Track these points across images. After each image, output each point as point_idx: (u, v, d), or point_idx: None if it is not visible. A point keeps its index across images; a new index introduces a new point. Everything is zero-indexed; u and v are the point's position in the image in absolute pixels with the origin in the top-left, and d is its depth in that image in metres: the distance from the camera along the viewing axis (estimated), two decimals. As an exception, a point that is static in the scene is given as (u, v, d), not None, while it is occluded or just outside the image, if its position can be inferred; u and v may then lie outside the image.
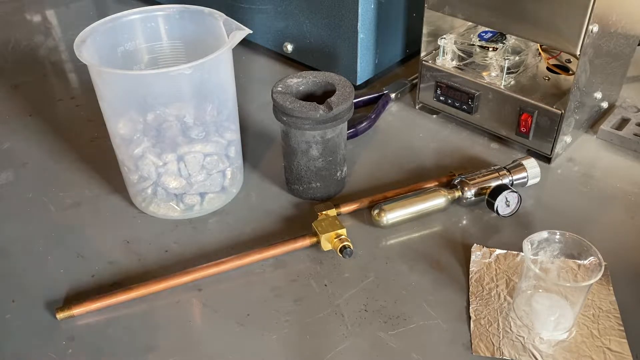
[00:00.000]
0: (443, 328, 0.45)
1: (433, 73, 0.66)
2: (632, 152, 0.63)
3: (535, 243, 0.44)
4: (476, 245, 0.51)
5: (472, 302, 0.45)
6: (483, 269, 0.48)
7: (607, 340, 0.43)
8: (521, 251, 0.49)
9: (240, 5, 0.78)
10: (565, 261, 0.46)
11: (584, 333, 0.43)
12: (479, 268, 0.48)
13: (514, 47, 0.65)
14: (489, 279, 0.47)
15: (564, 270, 0.46)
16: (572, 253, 0.45)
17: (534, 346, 0.42)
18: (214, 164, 0.54)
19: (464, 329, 0.44)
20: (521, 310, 0.44)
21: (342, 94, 0.53)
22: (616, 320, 0.45)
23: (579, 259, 0.44)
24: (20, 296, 0.48)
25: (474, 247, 0.50)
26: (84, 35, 0.51)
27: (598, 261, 0.43)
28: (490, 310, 0.45)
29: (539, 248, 0.45)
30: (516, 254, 0.50)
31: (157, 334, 0.45)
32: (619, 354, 0.42)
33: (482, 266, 0.49)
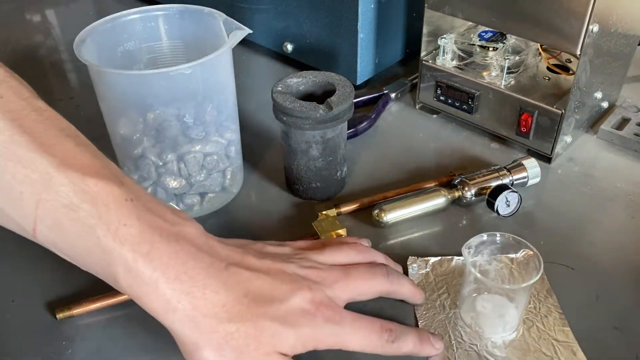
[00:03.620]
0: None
1: (433, 73, 0.66)
2: (633, 152, 0.63)
3: (473, 248, 0.45)
4: (411, 257, 0.50)
5: (419, 317, 0.45)
6: (422, 281, 0.48)
7: (552, 332, 0.44)
8: (456, 255, 0.49)
9: (240, 5, 0.78)
10: (500, 259, 0.46)
11: (530, 328, 0.44)
12: (419, 281, 0.48)
13: (514, 47, 0.65)
14: (430, 291, 0.47)
15: (500, 267, 0.46)
16: (508, 251, 0.45)
17: (488, 352, 0.42)
18: (214, 164, 0.54)
19: (464, 329, 0.44)
20: (468, 317, 0.44)
21: (342, 94, 0.53)
22: (556, 310, 0.45)
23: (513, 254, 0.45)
24: (20, 296, 0.48)
25: (409, 260, 0.50)
26: (83, 35, 0.51)
27: (533, 253, 0.43)
28: (438, 324, 0.45)
29: (477, 252, 0.45)
30: (450, 259, 0.50)
31: (157, 334, 0.45)
32: (566, 342, 0.43)
33: (421, 278, 0.48)
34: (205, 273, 0.36)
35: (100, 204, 0.34)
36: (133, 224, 0.35)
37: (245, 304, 0.37)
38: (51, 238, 0.35)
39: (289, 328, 0.37)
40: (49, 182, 0.33)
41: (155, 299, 0.35)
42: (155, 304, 0.35)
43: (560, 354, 0.42)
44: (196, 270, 0.36)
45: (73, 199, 0.33)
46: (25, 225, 0.34)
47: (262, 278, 0.38)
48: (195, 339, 0.36)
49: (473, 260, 0.45)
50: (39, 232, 0.34)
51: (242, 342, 0.36)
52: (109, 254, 0.34)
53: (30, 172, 0.33)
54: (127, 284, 0.35)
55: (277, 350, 0.37)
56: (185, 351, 0.37)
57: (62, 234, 0.34)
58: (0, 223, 0.36)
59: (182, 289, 0.35)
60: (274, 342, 0.36)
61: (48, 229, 0.34)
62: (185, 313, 0.35)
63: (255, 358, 0.36)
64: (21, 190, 0.33)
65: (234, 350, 0.36)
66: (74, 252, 0.35)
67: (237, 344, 0.36)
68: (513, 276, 0.46)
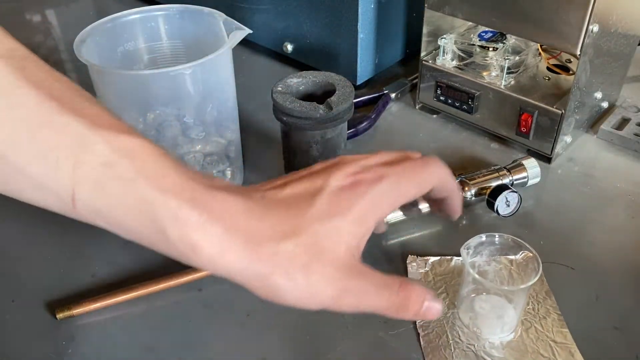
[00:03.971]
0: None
1: (433, 73, 0.66)
2: (633, 152, 0.63)
3: (472, 249, 0.44)
4: (410, 257, 0.50)
5: None
6: (421, 280, 0.48)
7: (550, 333, 0.43)
8: (455, 255, 0.49)
9: (240, 5, 0.78)
10: (499, 260, 0.46)
11: (528, 329, 0.44)
12: (417, 280, 0.48)
13: (514, 47, 0.65)
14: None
15: (499, 269, 0.46)
16: (507, 252, 0.45)
17: (486, 352, 0.42)
18: (214, 164, 0.54)
19: (464, 329, 0.44)
20: (467, 317, 0.44)
21: (342, 94, 0.53)
22: (555, 311, 0.45)
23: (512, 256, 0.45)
24: (20, 296, 0.48)
25: (409, 259, 0.50)
26: (83, 35, 0.51)
27: (532, 255, 0.43)
28: (436, 323, 0.45)
29: (475, 252, 0.45)
30: (450, 259, 0.50)
31: (157, 334, 0.45)
32: (564, 344, 0.43)
33: (420, 277, 0.48)
34: (245, 206, 0.36)
35: (137, 158, 0.34)
36: (171, 174, 0.35)
37: (292, 218, 0.36)
38: (92, 203, 0.34)
39: (339, 218, 0.36)
40: (84, 143, 0.33)
41: (208, 244, 0.34)
42: (209, 249, 0.34)
43: (558, 355, 0.42)
44: (237, 207, 0.35)
45: (110, 156, 0.33)
46: (64, 195, 0.33)
47: (297, 185, 0.38)
48: (260, 270, 0.35)
49: (472, 260, 0.45)
50: (79, 200, 0.33)
51: (306, 256, 0.35)
52: (152, 206, 0.33)
53: (64, 136, 0.32)
54: (177, 235, 0.34)
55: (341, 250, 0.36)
56: (256, 288, 0.36)
57: (103, 195, 0.33)
58: (40, 201, 0.35)
59: (229, 225, 0.35)
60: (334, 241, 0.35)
61: (88, 193, 0.33)
62: (240, 248, 0.34)
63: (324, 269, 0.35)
64: (57, 156, 0.32)
65: (303, 269, 0.35)
66: (116, 214, 0.34)
67: (302, 260, 0.35)
68: (512, 277, 0.46)
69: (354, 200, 0.36)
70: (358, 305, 0.37)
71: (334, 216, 0.36)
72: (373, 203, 0.37)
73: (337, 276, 0.36)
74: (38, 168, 0.33)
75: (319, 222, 0.36)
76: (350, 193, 0.37)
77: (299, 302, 0.36)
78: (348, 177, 0.37)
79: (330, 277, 0.36)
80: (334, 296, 0.36)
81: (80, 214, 0.34)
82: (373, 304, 0.37)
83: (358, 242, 0.37)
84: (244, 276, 0.35)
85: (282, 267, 0.35)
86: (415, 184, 0.39)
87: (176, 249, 0.34)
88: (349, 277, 0.36)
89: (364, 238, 0.37)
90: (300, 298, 0.36)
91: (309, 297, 0.36)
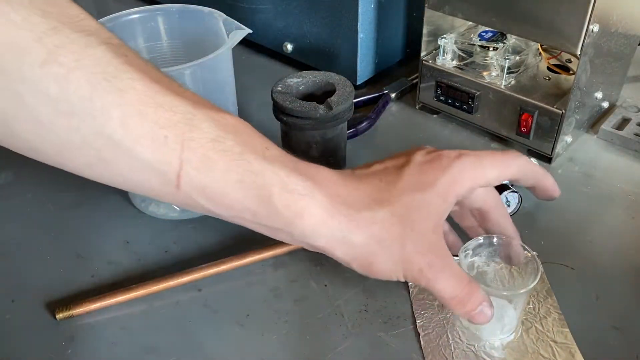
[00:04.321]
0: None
1: (433, 73, 0.66)
2: (633, 152, 0.63)
3: (470, 251, 0.44)
4: None
5: (417, 318, 0.45)
6: None
7: (551, 333, 0.43)
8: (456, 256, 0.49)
9: (240, 4, 0.78)
10: (499, 260, 0.46)
11: (529, 329, 0.44)
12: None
13: (515, 47, 0.65)
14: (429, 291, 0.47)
15: (500, 268, 0.46)
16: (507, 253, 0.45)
17: (486, 352, 0.42)
18: (214, 164, 0.54)
19: (464, 329, 0.44)
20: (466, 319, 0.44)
21: (342, 94, 0.53)
22: (555, 310, 0.45)
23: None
24: (19, 296, 0.48)
25: None
26: (83, 35, 0.50)
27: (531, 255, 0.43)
28: (436, 324, 0.45)
29: (474, 254, 0.45)
30: None
31: (157, 334, 0.45)
32: (564, 344, 0.43)
33: None
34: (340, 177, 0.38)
35: (242, 133, 0.36)
36: (273, 148, 0.37)
37: (384, 188, 0.38)
38: (198, 180, 0.34)
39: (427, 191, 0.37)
40: (192, 121, 0.34)
41: (314, 211, 0.36)
42: (314, 217, 0.36)
43: (559, 356, 0.42)
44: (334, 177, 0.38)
45: (218, 132, 0.34)
46: (170, 173, 0.34)
47: (382, 163, 0.40)
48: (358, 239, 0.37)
49: (470, 261, 0.45)
50: (184, 177, 0.34)
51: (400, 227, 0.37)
52: (261, 176, 0.35)
53: (172, 115, 0.33)
54: (284, 203, 0.35)
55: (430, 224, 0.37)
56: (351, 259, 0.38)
57: (210, 170, 0.34)
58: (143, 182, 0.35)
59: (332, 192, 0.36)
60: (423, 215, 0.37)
61: (195, 169, 0.34)
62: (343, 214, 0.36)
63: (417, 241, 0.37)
64: (165, 135, 0.33)
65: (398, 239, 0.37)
66: (221, 189, 0.35)
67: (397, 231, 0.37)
68: (512, 276, 0.46)
69: (439, 173, 0.38)
70: (433, 284, 0.38)
71: (422, 189, 0.38)
72: (454, 177, 0.38)
73: (426, 249, 0.38)
74: (147, 148, 0.33)
75: (409, 193, 0.37)
76: (434, 166, 0.38)
77: (388, 272, 0.38)
78: (430, 153, 0.39)
79: (422, 250, 0.37)
80: (422, 269, 0.37)
81: (182, 193, 0.35)
82: (443, 287, 0.38)
83: (441, 218, 0.39)
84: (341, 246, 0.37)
85: (379, 236, 0.37)
86: (495, 166, 0.40)
87: (280, 217, 0.36)
88: (435, 253, 0.38)
89: (445, 214, 0.39)
90: (392, 269, 0.38)
91: (400, 268, 0.38)
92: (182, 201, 0.36)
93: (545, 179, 0.45)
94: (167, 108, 0.33)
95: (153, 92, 0.33)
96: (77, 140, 0.33)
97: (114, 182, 0.36)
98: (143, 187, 0.36)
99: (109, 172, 0.35)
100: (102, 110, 0.32)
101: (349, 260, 0.38)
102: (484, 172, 0.40)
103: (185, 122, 0.34)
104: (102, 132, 0.33)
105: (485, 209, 0.44)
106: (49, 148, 0.34)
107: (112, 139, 0.33)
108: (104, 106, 0.32)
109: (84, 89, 0.32)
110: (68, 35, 0.32)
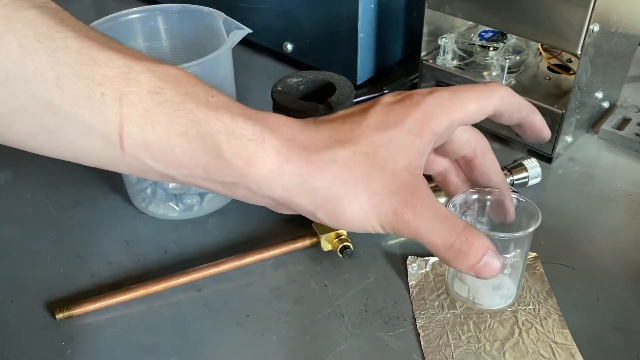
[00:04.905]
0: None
1: (433, 73, 0.66)
2: (633, 152, 0.63)
3: (457, 208, 0.41)
4: (411, 257, 0.50)
5: (418, 318, 0.45)
6: (422, 281, 0.48)
7: (551, 334, 0.43)
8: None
9: (240, 4, 0.78)
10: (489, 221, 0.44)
11: (529, 330, 0.44)
12: (418, 280, 0.48)
13: (515, 47, 0.65)
14: (429, 291, 0.47)
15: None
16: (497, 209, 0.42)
17: (486, 352, 0.42)
18: (214, 164, 0.53)
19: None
20: (464, 291, 0.43)
21: (342, 93, 0.53)
22: (555, 311, 0.45)
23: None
24: (19, 296, 0.48)
25: (409, 259, 0.50)
26: (83, 34, 0.50)
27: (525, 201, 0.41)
28: (436, 324, 0.44)
29: (461, 213, 0.42)
30: None
31: (157, 334, 0.45)
32: (564, 345, 0.43)
33: (421, 278, 0.48)
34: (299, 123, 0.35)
35: (182, 82, 0.33)
36: (218, 95, 0.34)
37: (348, 128, 0.35)
38: (141, 137, 0.32)
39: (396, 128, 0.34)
40: (129, 74, 0.32)
41: (265, 156, 0.33)
42: (267, 162, 0.33)
43: (559, 356, 0.42)
44: (290, 122, 0.35)
45: (156, 82, 0.32)
46: (112, 134, 0.32)
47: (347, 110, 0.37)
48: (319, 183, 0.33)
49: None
50: (127, 137, 0.32)
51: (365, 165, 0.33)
52: (205, 124, 0.32)
53: (107, 70, 0.32)
54: (233, 150, 0.33)
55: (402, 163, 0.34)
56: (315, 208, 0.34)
57: (152, 125, 0.32)
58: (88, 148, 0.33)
59: (285, 136, 0.34)
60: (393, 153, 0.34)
61: (137, 126, 0.32)
62: (298, 157, 0.33)
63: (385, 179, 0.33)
64: (102, 92, 0.32)
65: (363, 178, 0.33)
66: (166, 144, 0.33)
67: (361, 169, 0.33)
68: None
69: (409, 109, 0.35)
70: (417, 229, 0.34)
71: (390, 126, 0.34)
72: (427, 112, 0.35)
73: (399, 189, 0.34)
74: (85, 108, 0.32)
75: (375, 131, 0.34)
76: (405, 103, 0.35)
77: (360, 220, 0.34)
78: (398, 94, 0.36)
79: (393, 189, 0.33)
80: (396, 210, 0.33)
81: (128, 155, 0.33)
82: (430, 232, 0.34)
83: (417, 157, 0.35)
84: (301, 193, 0.34)
85: (342, 177, 0.33)
86: (473, 98, 0.36)
87: (231, 168, 0.33)
88: (410, 191, 0.34)
89: (423, 153, 0.35)
90: (363, 215, 0.34)
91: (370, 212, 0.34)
92: (130, 165, 0.34)
93: (533, 115, 0.40)
94: (102, 64, 0.32)
95: (87, 49, 0.32)
96: (15, 108, 0.31)
97: (60, 153, 0.34)
98: (89, 156, 0.34)
99: (53, 141, 0.33)
100: (35, 73, 0.31)
101: (313, 210, 0.34)
102: (461, 105, 0.35)
103: (122, 76, 0.32)
104: (39, 97, 0.31)
105: (471, 156, 0.40)
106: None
107: (49, 103, 0.31)
108: (37, 69, 0.31)
109: (16, 53, 0.30)
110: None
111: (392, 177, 0.34)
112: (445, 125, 0.35)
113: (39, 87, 0.31)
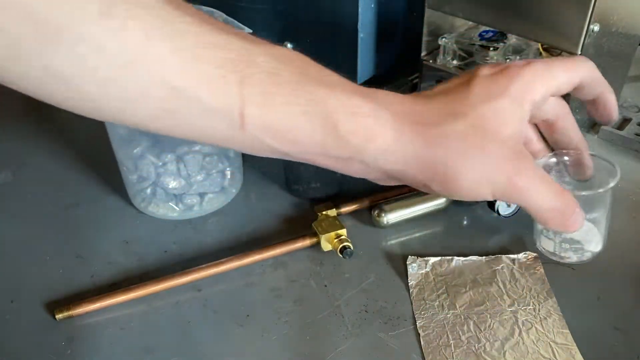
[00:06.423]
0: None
1: (433, 73, 0.65)
2: (634, 152, 0.63)
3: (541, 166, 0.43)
4: (411, 257, 0.50)
5: (418, 318, 0.45)
6: (422, 281, 0.48)
7: (551, 334, 0.43)
8: (455, 256, 0.49)
9: (240, 4, 0.77)
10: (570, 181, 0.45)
11: (529, 330, 0.44)
12: (418, 280, 0.48)
13: (515, 47, 0.64)
14: (429, 291, 0.47)
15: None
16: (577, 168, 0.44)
17: (486, 352, 0.42)
18: (214, 164, 0.54)
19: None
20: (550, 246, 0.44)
21: (342, 93, 0.53)
22: (556, 312, 0.45)
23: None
24: (19, 296, 0.48)
25: (409, 259, 0.50)
26: (83, 34, 0.50)
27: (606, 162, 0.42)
28: (436, 324, 0.45)
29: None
30: (450, 259, 0.50)
31: (157, 334, 0.45)
32: (565, 345, 0.43)
33: (421, 278, 0.48)
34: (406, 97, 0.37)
35: (298, 63, 0.35)
36: (330, 73, 0.35)
37: (455, 101, 0.36)
38: (261, 117, 0.33)
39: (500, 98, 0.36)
40: (248, 57, 0.33)
41: (382, 132, 0.34)
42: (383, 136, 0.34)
43: (559, 356, 0.42)
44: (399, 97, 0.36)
45: (274, 63, 0.33)
46: (233, 113, 0.33)
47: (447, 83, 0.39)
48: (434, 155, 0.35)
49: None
50: (248, 116, 0.33)
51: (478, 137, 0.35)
52: (323, 104, 0.34)
53: (227, 52, 0.33)
54: (349, 127, 0.34)
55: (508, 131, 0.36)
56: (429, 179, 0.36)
57: (272, 105, 0.33)
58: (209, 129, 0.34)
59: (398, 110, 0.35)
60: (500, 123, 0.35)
61: (257, 106, 0.33)
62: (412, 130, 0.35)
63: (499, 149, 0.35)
64: (223, 74, 0.32)
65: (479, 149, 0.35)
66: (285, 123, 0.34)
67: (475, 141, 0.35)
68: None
69: (509, 81, 0.36)
70: (528, 195, 0.36)
71: (494, 97, 0.36)
72: (527, 82, 0.37)
73: (509, 157, 0.35)
74: (207, 91, 0.33)
75: (481, 103, 0.36)
76: (504, 74, 0.37)
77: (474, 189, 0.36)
78: (495, 66, 0.38)
79: (504, 158, 0.35)
80: (511, 177, 0.35)
81: (248, 135, 0.34)
82: (540, 197, 0.36)
83: (521, 125, 0.37)
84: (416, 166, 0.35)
85: (457, 149, 0.35)
86: (564, 69, 0.38)
87: (348, 144, 0.34)
88: (519, 159, 0.36)
89: (523, 122, 0.37)
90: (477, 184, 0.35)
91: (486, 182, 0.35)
92: (249, 144, 0.35)
93: (610, 94, 0.42)
94: (222, 47, 0.33)
95: (207, 32, 0.33)
96: (138, 92, 0.32)
97: (181, 133, 0.35)
98: (209, 135, 0.35)
99: (174, 122, 0.34)
100: (158, 57, 0.32)
101: (427, 181, 0.36)
102: (555, 76, 0.38)
103: (241, 59, 0.33)
104: (162, 81, 0.32)
105: (554, 119, 0.42)
106: (112, 105, 0.33)
107: (172, 87, 0.32)
108: (160, 53, 0.31)
109: (139, 38, 0.31)
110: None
111: (501, 146, 0.35)
112: (541, 94, 0.38)
113: (162, 70, 0.32)
